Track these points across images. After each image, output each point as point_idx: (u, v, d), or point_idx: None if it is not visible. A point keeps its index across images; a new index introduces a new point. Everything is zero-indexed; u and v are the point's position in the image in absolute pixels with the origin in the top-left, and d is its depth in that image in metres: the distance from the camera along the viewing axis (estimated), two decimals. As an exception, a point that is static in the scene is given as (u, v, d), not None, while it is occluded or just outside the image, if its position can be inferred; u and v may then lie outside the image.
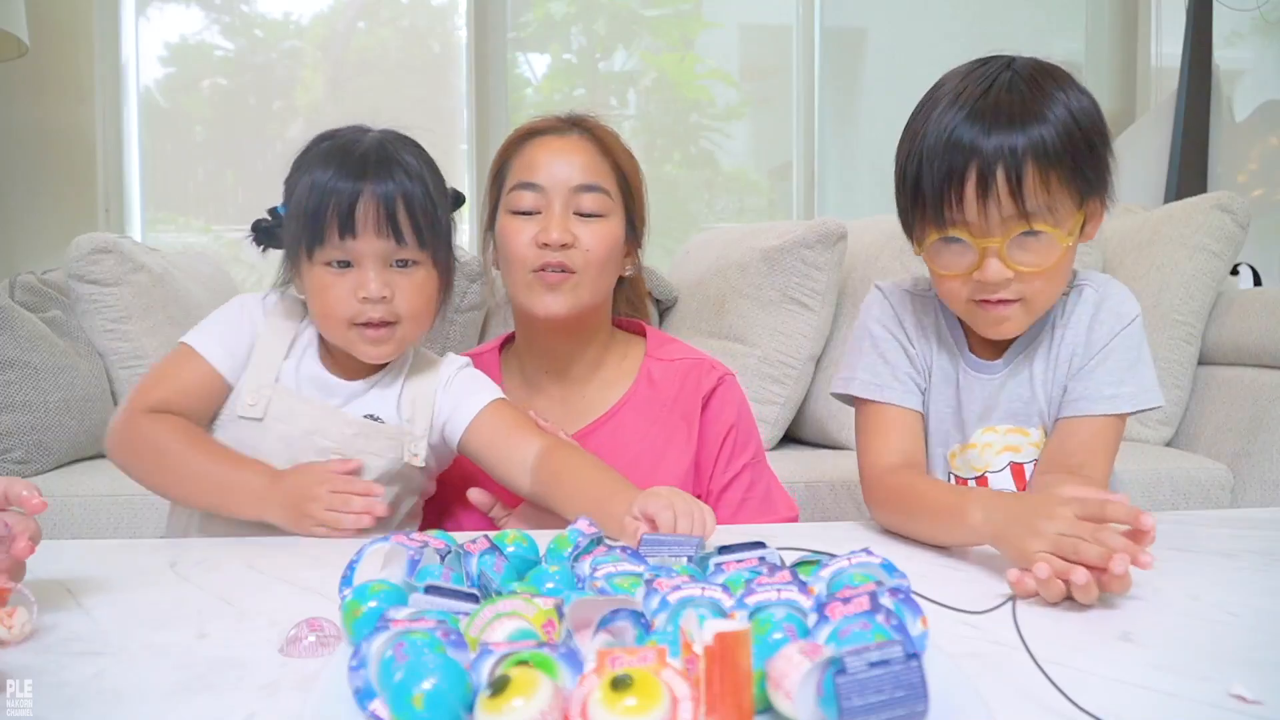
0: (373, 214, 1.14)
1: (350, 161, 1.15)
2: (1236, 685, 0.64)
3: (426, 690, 0.51)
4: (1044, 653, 0.67)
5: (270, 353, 1.22)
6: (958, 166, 1.04)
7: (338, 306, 1.16)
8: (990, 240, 1.05)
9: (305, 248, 1.16)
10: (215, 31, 3.31)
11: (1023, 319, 1.12)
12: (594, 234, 1.30)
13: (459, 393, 1.27)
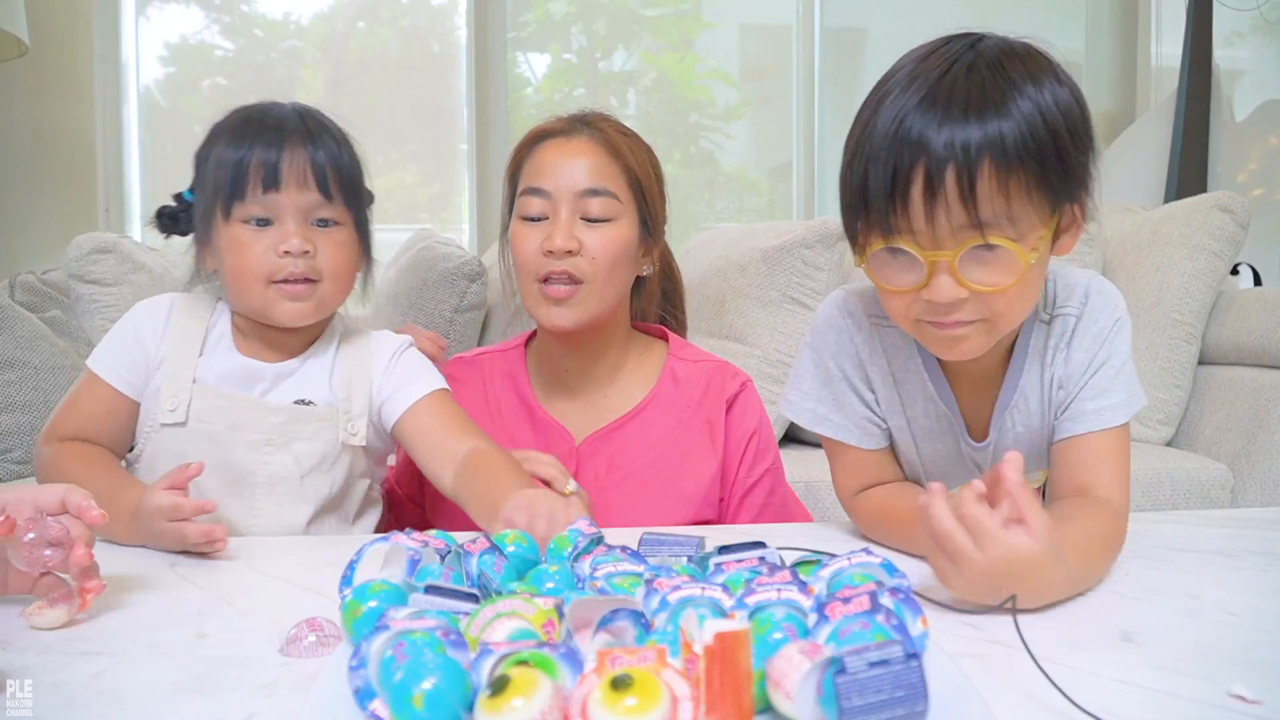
0: (298, 167, 1.13)
1: (271, 122, 1.15)
2: (1236, 685, 0.64)
3: (426, 690, 0.51)
4: (1044, 652, 0.67)
5: (183, 354, 1.18)
6: (903, 165, 0.86)
7: (256, 263, 1.13)
8: (940, 254, 0.88)
9: (223, 205, 1.13)
10: (215, 31, 3.31)
11: (982, 339, 0.94)
12: (601, 239, 1.27)
13: (402, 375, 1.24)
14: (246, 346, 1.21)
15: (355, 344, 1.26)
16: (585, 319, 1.29)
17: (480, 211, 3.24)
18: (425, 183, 3.41)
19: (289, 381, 1.20)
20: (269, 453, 1.17)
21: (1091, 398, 1.00)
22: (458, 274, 1.90)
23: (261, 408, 1.17)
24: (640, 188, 1.32)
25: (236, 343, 1.21)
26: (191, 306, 1.22)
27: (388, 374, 1.23)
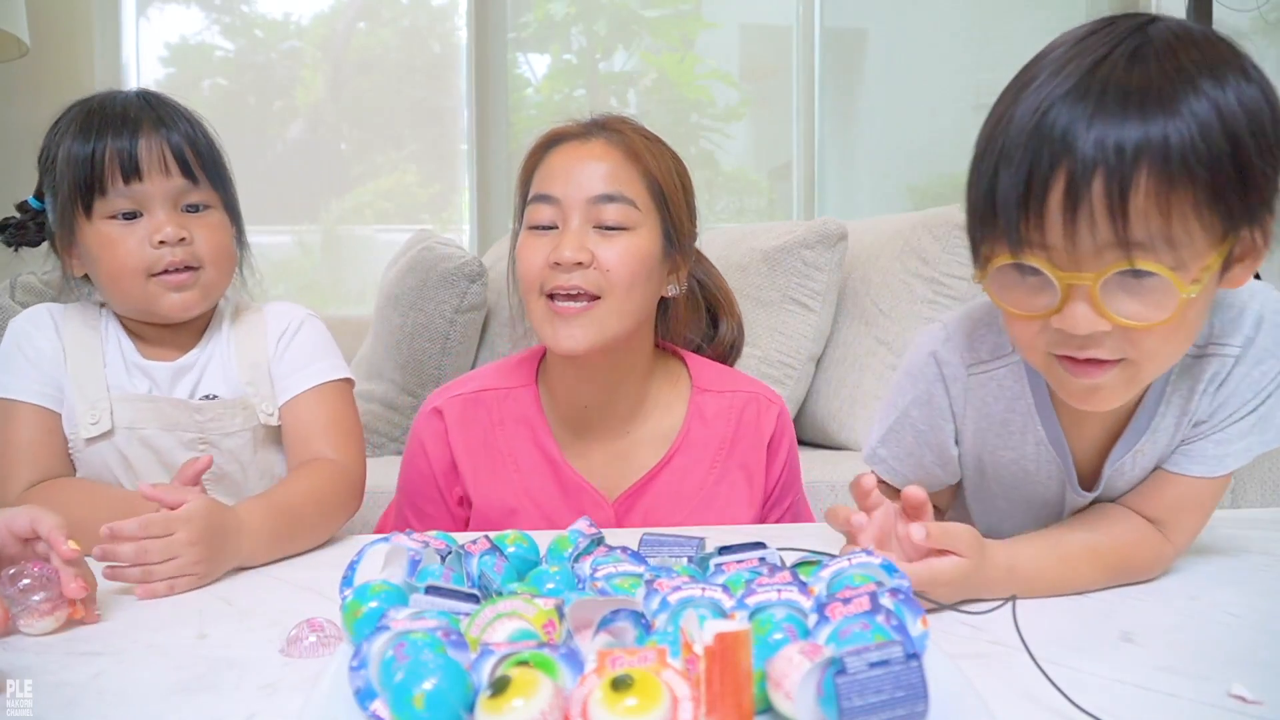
0: (157, 152, 1.07)
1: (117, 110, 1.09)
2: (1236, 685, 0.64)
3: (427, 690, 0.51)
4: (1044, 653, 0.67)
5: (87, 366, 1.11)
6: (1041, 166, 0.71)
7: (130, 258, 1.07)
8: (1079, 276, 0.72)
9: (83, 204, 1.07)
10: (215, 32, 3.31)
11: (1122, 389, 0.79)
12: (617, 250, 1.13)
13: (290, 362, 1.18)
14: (144, 347, 1.15)
15: (248, 323, 1.21)
16: (600, 340, 1.14)
17: (480, 212, 3.24)
18: (425, 183, 3.41)
19: (189, 376, 1.15)
20: (204, 450, 1.13)
21: (1219, 442, 0.88)
22: (458, 274, 1.90)
23: (184, 406, 1.12)
24: (663, 195, 1.19)
25: (134, 343, 1.15)
26: (77, 317, 1.15)
27: (277, 356, 1.19)
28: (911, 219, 1.92)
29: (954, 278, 1.80)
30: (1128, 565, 0.88)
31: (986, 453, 0.94)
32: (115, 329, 1.15)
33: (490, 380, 1.27)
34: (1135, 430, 0.89)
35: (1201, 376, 0.86)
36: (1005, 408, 0.91)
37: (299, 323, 1.21)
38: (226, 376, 1.17)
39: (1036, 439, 0.91)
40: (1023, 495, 0.96)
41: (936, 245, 1.81)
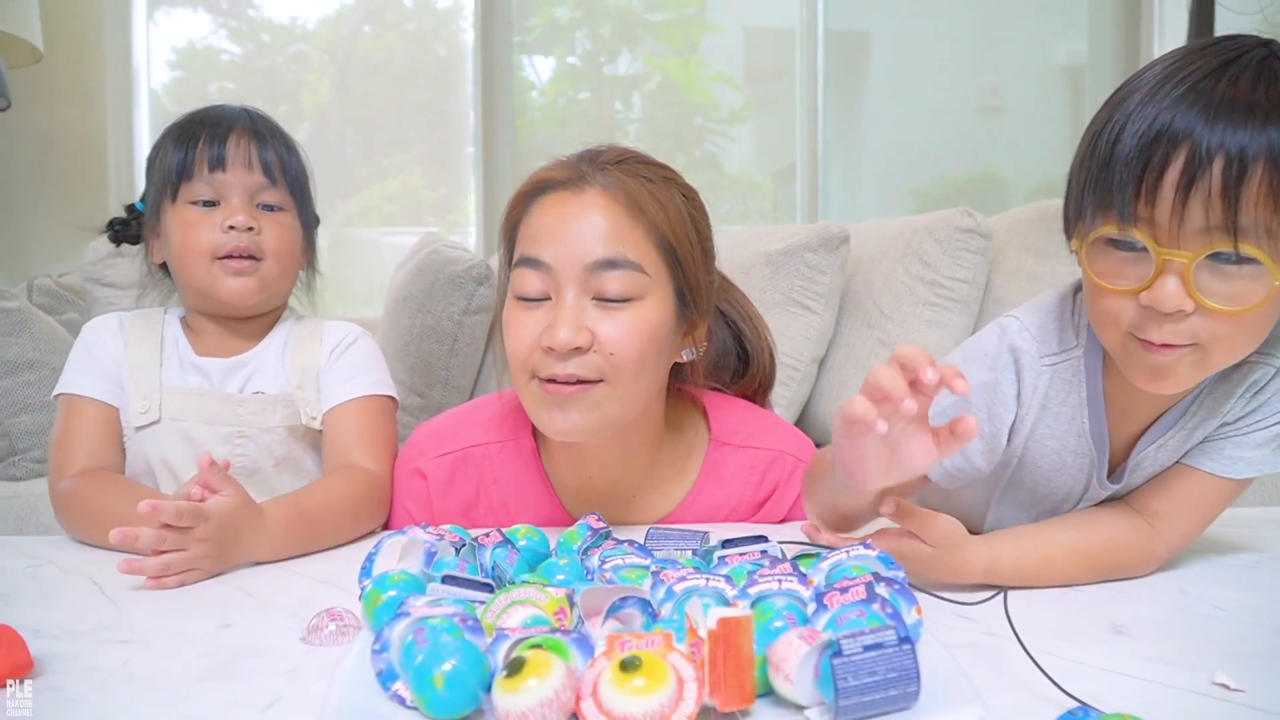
0: (243, 149, 1.18)
1: (216, 115, 1.21)
2: (1220, 674, 0.67)
3: (446, 671, 0.54)
4: (1036, 644, 0.70)
5: (144, 363, 1.21)
6: (1162, 146, 0.76)
7: (201, 239, 1.17)
8: (1177, 253, 0.77)
9: (171, 189, 1.18)
10: (222, 36, 3.34)
11: (1190, 374, 0.83)
12: (621, 328, 0.97)
13: (340, 371, 1.25)
14: (201, 345, 1.24)
15: (306, 332, 1.28)
16: (602, 427, 1.00)
17: (486, 214, 3.27)
18: (431, 186, 3.44)
19: (242, 374, 1.23)
20: (241, 444, 1.20)
21: (1238, 445, 0.92)
22: (465, 277, 1.93)
23: (228, 400, 1.20)
24: (674, 252, 1.02)
25: (192, 344, 1.24)
26: (142, 322, 1.25)
27: (328, 365, 1.25)
28: (913, 222, 1.95)
29: (955, 280, 1.83)
30: (1112, 565, 0.91)
31: (1034, 442, 0.96)
32: (175, 330, 1.25)
33: (479, 434, 1.14)
34: (1165, 424, 0.93)
35: (1241, 382, 0.90)
36: (1061, 400, 0.94)
37: (353, 339, 1.28)
38: (276, 377, 1.24)
39: (1079, 431, 0.94)
40: (1048, 488, 0.99)
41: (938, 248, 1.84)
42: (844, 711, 0.51)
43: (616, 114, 3.53)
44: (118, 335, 1.22)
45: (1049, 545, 0.91)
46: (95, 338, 1.23)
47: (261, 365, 1.24)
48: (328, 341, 1.27)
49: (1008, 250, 1.88)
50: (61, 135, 2.80)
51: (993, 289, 1.86)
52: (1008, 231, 1.89)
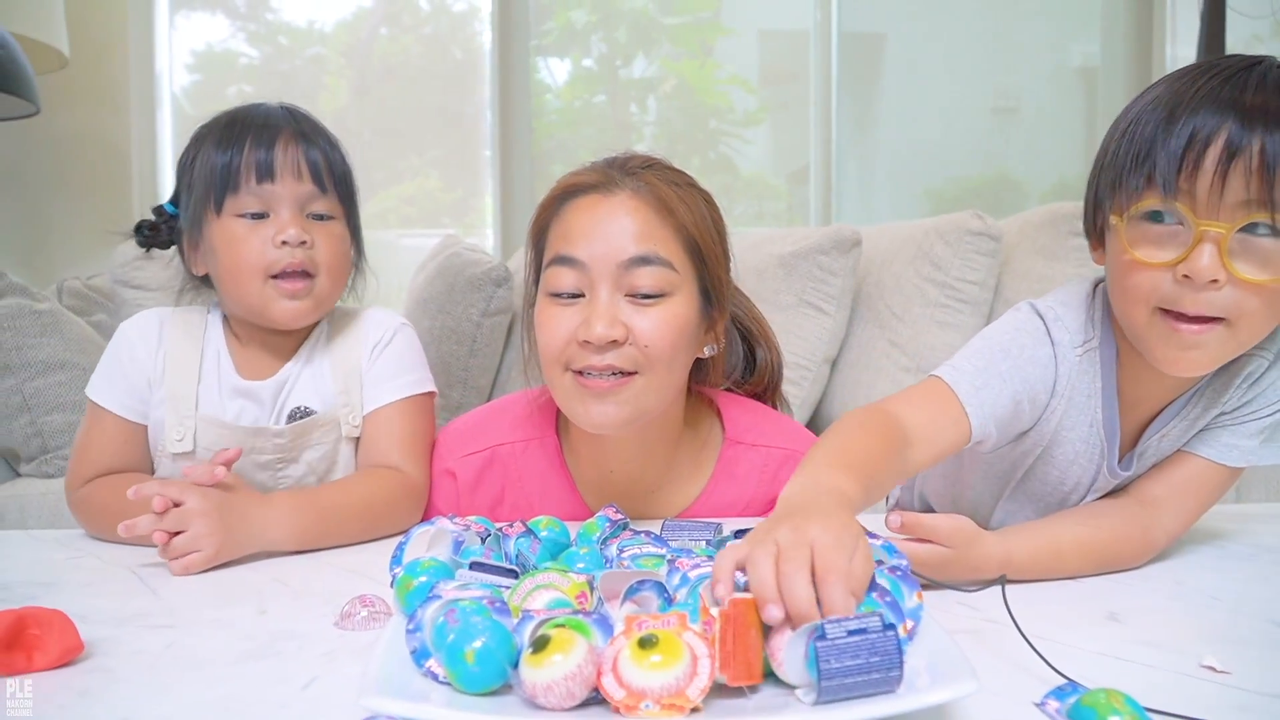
0: (292, 158, 1.14)
1: (259, 119, 1.15)
2: (1208, 657, 0.71)
3: (477, 648, 0.59)
4: (1033, 629, 0.74)
5: (181, 381, 1.17)
6: (1207, 125, 0.83)
7: (252, 255, 1.13)
8: (1214, 224, 0.83)
9: (215, 201, 1.13)
10: (241, 39, 3.39)
11: (1217, 351, 0.88)
12: (654, 322, 1.03)
13: (380, 371, 1.22)
14: (243, 356, 1.21)
15: (346, 331, 1.25)
16: (635, 418, 1.05)
17: (503, 216, 3.32)
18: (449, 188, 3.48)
19: (286, 389, 1.20)
20: (281, 468, 1.19)
21: (1234, 433, 0.99)
22: (484, 279, 1.98)
23: (263, 433, 1.17)
24: (700, 251, 1.08)
25: (233, 353, 1.20)
26: (182, 324, 1.21)
27: (370, 365, 1.23)
28: (924, 225, 1.98)
29: (966, 282, 1.86)
30: (1115, 555, 0.95)
31: (1060, 431, 1.00)
32: (217, 342, 1.21)
33: (506, 432, 1.19)
34: (1169, 413, 0.99)
35: (1239, 373, 0.97)
36: (1081, 391, 0.99)
37: (393, 332, 1.25)
38: (320, 389, 1.21)
39: (1092, 421, 0.99)
40: (1060, 479, 1.03)
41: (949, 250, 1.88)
42: (826, 692, 0.55)
43: (632, 117, 3.57)
44: (155, 345, 1.19)
45: (1058, 539, 0.94)
46: (129, 346, 1.19)
47: (306, 379, 1.21)
48: (369, 337, 1.24)
49: (1018, 252, 1.91)
50: (87, 139, 2.87)
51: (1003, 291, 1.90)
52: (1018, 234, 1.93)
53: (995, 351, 0.97)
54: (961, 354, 0.99)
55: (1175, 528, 0.99)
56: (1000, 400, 0.95)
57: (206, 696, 0.66)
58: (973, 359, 0.97)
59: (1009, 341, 0.98)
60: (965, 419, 0.94)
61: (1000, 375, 0.95)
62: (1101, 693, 0.57)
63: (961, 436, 0.94)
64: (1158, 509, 0.99)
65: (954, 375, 0.96)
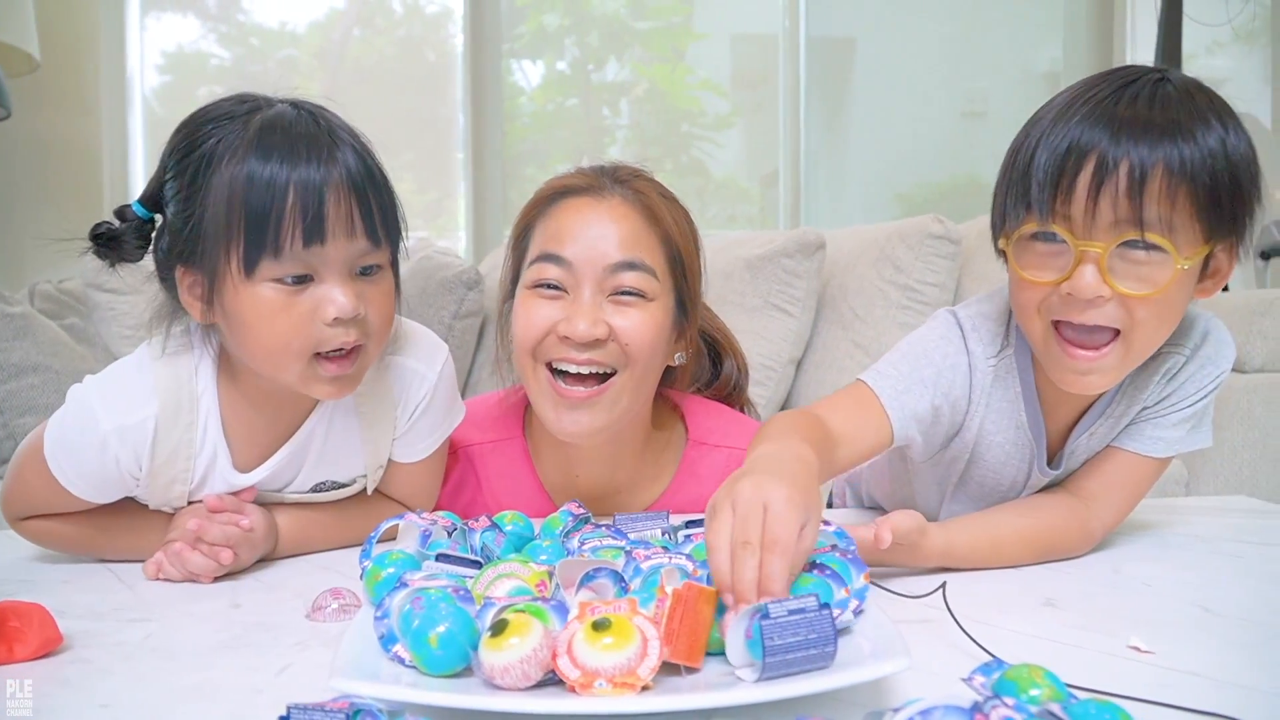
0: (345, 211, 0.90)
1: (291, 141, 0.90)
2: (1134, 638, 0.76)
3: (440, 633, 0.63)
4: (973, 614, 0.79)
5: (172, 491, 1.00)
6: (1076, 151, 0.88)
7: (296, 335, 0.91)
8: (1092, 244, 0.88)
9: (245, 262, 0.89)
10: (212, 40, 3.39)
11: (1114, 371, 0.94)
12: (635, 322, 1.06)
13: (418, 433, 1.09)
14: (243, 442, 1.01)
15: (376, 393, 1.05)
16: (608, 426, 1.07)
17: (475, 219, 3.34)
18: (421, 190, 3.50)
19: (299, 464, 1.05)
20: None
21: (1158, 425, 1.03)
22: (456, 282, 2.01)
23: (269, 497, 1.06)
24: (680, 262, 1.12)
25: (229, 438, 1.00)
26: (173, 425, 0.97)
27: (406, 428, 1.08)
28: (886, 229, 2.04)
29: (926, 284, 1.92)
30: (1053, 545, 1.01)
31: (982, 437, 1.05)
32: (214, 432, 1.00)
33: (475, 434, 1.20)
34: (1094, 413, 1.04)
35: (1157, 370, 1.02)
36: (1000, 396, 1.04)
37: (431, 389, 1.07)
38: (345, 461, 1.07)
39: (1018, 423, 1.04)
40: (996, 479, 1.08)
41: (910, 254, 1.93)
42: (769, 668, 0.59)
43: (605, 120, 3.60)
44: (146, 456, 0.97)
45: (996, 529, 1.00)
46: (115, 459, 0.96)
47: (324, 447, 1.05)
48: (409, 400, 1.06)
49: (977, 255, 1.97)
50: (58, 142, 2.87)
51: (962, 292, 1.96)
52: (977, 237, 1.99)
53: (919, 358, 1.03)
54: (887, 359, 1.04)
55: (1110, 519, 1.04)
56: (921, 405, 1.01)
57: (184, 683, 0.70)
58: (897, 365, 1.02)
59: (931, 349, 1.03)
60: (887, 422, 0.99)
61: (921, 381, 1.01)
62: (1024, 668, 0.61)
63: (883, 438, 1.00)
64: (1093, 502, 1.04)
65: (878, 380, 1.02)
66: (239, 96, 0.96)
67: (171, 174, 0.94)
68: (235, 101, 0.95)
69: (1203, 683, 0.68)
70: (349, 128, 0.97)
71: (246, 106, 0.94)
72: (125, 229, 0.98)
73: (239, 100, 0.95)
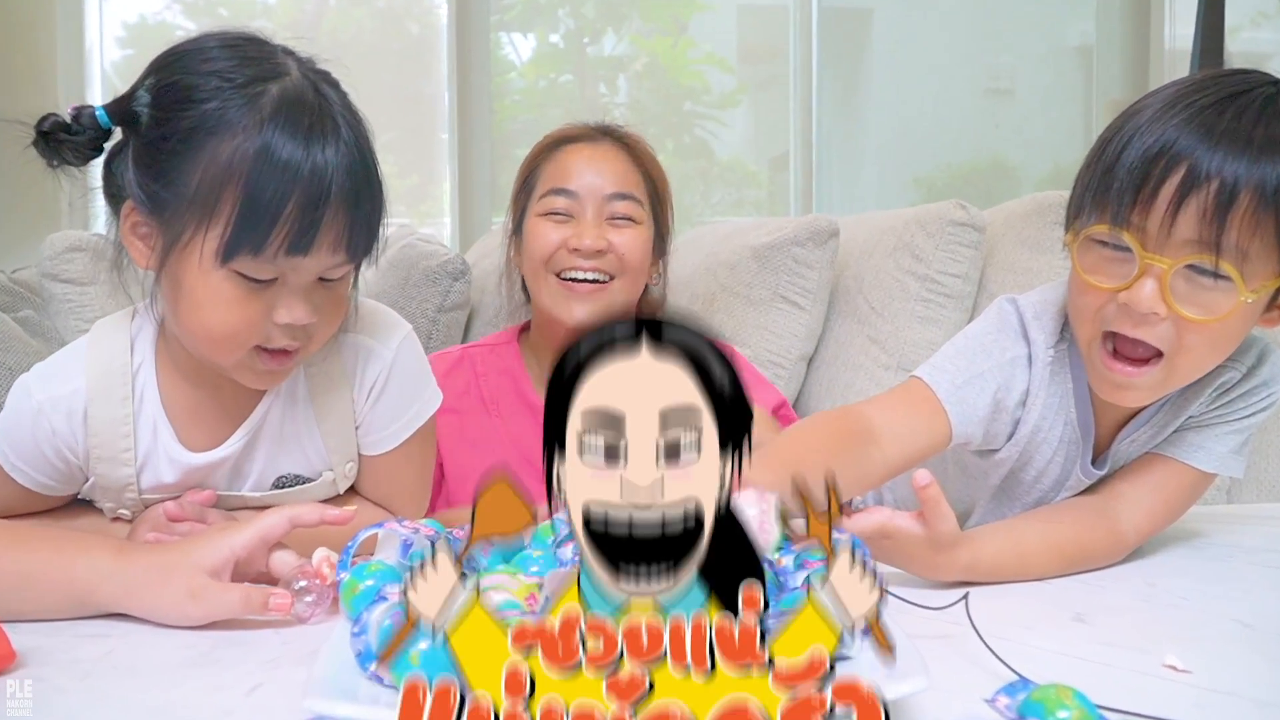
0: (337, 229, 0.93)
1: (304, 130, 0.91)
2: (1170, 656, 0.76)
3: (422, 650, 0.63)
4: (998, 631, 0.79)
5: (115, 472, 1.01)
6: (1164, 161, 0.90)
7: (246, 329, 0.94)
8: (1159, 259, 0.90)
9: (224, 252, 0.90)
10: (177, 11, 3.37)
11: (1152, 391, 0.98)
12: (628, 239, 1.44)
13: (382, 416, 1.09)
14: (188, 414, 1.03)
15: (329, 373, 1.07)
16: (610, 315, 1.28)
17: (462, 204, 3.33)
18: (403, 174, 3.49)
19: (253, 459, 1.06)
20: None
21: (1201, 435, 1.06)
22: (441, 272, 2.01)
23: (230, 500, 1.06)
24: (658, 199, 1.51)
25: (173, 417, 1.02)
26: (106, 398, 1.00)
27: (365, 413, 1.09)
28: (904, 215, 2.03)
29: (948, 275, 1.91)
30: (1082, 553, 1.01)
31: (1038, 432, 1.07)
32: (151, 403, 1.02)
33: (473, 345, 1.60)
34: (1142, 418, 1.06)
35: (1210, 384, 1.04)
36: (1053, 391, 1.06)
37: (387, 367, 1.08)
38: (305, 449, 1.07)
39: (1067, 419, 1.07)
40: (1038, 478, 1.10)
41: (930, 242, 1.93)
42: None
43: (601, 97, 3.59)
44: (80, 429, 1.00)
45: (1022, 539, 1.00)
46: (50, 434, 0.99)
47: (281, 436, 1.06)
48: (363, 380, 1.08)
49: (1003, 244, 1.96)
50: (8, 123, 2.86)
51: (987, 284, 1.95)
52: (1003, 224, 1.98)
53: (976, 351, 1.06)
54: (942, 353, 1.07)
55: (1144, 523, 1.05)
56: (981, 399, 1.03)
57: (148, 703, 0.70)
58: (954, 359, 1.05)
59: (989, 342, 1.06)
60: (944, 419, 1.02)
61: (981, 374, 1.04)
62: (1051, 688, 0.62)
63: (940, 436, 1.02)
64: (1122, 501, 1.05)
65: (934, 375, 1.04)
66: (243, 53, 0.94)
67: (149, 103, 0.94)
68: (239, 60, 0.94)
69: (1243, 704, 0.69)
70: (352, 116, 0.98)
71: (252, 73, 0.93)
72: (79, 131, 0.96)
73: (243, 60, 0.94)
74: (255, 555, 0.90)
